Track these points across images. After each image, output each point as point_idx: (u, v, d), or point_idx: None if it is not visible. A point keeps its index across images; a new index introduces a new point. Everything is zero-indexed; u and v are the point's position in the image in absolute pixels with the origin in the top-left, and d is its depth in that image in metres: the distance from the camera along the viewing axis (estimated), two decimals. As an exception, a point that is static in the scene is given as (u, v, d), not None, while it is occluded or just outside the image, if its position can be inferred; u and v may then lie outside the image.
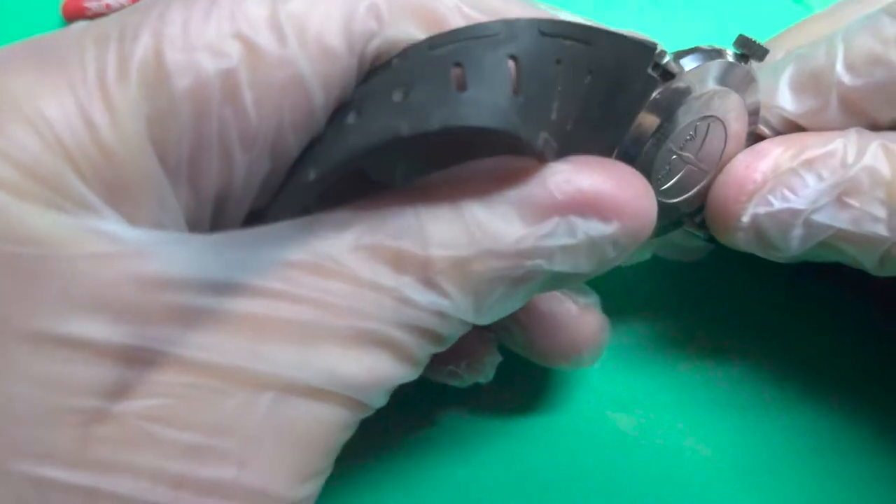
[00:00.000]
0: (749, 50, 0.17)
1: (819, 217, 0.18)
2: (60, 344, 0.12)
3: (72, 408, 0.12)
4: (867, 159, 0.17)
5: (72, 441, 0.12)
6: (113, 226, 0.13)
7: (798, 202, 0.18)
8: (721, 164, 0.19)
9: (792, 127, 0.19)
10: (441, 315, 0.14)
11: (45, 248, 0.12)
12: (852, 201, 0.17)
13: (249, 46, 0.13)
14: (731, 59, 0.17)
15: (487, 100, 0.13)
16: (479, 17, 0.14)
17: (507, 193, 0.14)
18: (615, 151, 0.16)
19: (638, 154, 0.17)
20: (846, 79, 0.18)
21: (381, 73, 0.14)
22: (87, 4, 0.29)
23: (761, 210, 0.18)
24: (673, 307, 0.24)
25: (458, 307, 0.14)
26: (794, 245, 0.18)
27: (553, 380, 0.23)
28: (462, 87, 0.13)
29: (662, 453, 0.22)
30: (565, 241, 0.14)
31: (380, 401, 0.15)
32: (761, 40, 0.18)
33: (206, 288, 0.13)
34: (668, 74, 0.16)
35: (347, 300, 0.13)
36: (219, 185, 0.14)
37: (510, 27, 0.14)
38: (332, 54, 0.13)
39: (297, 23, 0.13)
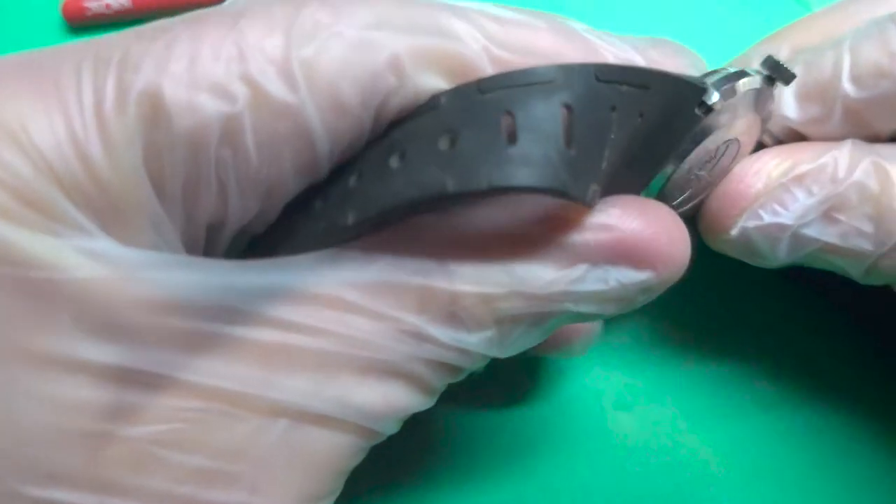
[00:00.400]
0: (777, 74, 0.17)
1: (807, 231, 0.18)
2: (67, 367, 0.12)
3: (79, 430, 0.12)
4: (857, 175, 0.17)
5: (81, 463, 0.12)
6: (113, 248, 0.12)
7: (787, 217, 0.18)
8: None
9: (793, 134, 0.19)
10: (462, 351, 0.14)
11: (45, 271, 0.12)
12: (840, 216, 0.18)
13: (257, 91, 0.12)
14: (759, 84, 0.17)
15: (538, 155, 0.12)
16: (509, 58, 0.14)
17: (541, 236, 0.14)
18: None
19: (665, 183, 0.17)
20: (851, 90, 0.18)
21: (426, 113, 0.13)
22: (86, 4, 0.29)
23: (751, 224, 0.18)
24: (673, 306, 0.24)
25: (481, 344, 0.14)
26: (781, 256, 0.19)
27: (553, 379, 0.23)
28: (512, 138, 0.12)
29: (662, 453, 0.22)
30: (596, 287, 0.14)
31: (392, 429, 0.15)
32: (761, 37, 0.18)
33: (218, 314, 0.13)
34: (709, 111, 0.16)
35: (366, 334, 0.13)
36: (213, 215, 0.13)
37: (566, 73, 0.13)
38: (345, 108, 0.13)
39: (310, 71, 0.12)
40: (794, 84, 0.18)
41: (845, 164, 0.18)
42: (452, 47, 0.13)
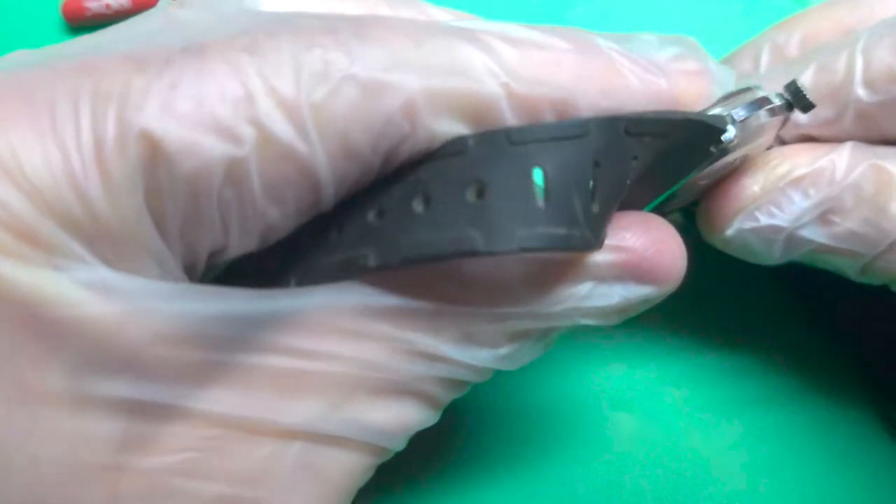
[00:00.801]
0: (798, 102, 0.17)
1: (803, 232, 0.18)
2: (79, 403, 0.12)
3: (96, 465, 0.12)
4: (854, 177, 0.18)
5: (99, 498, 0.12)
6: (116, 279, 0.12)
7: (783, 219, 0.18)
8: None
9: (801, 134, 0.19)
10: (473, 368, 0.14)
11: (49, 308, 0.11)
12: (836, 218, 0.18)
13: (264, 134, 0.12)
14: (777, 110, 0.17)
15: (567, 217, 0.12)
16: (529, 93, 0.13)
17: (552, 258, 0.14)
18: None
19: (669, 195, 0.17)
20: (864, 94, 0.18)
21: (453, 157, 0.13)
22: (87, 4, 0.30)
23: (747, 225, 0.19)
24: (674, 306, 0.24)
25: (492, 360, 0.14)
26: (776, 256, 0.19)
27: (552, 379, 0.23)
28: (543, 195, 0.12)
29: (662, 453, 0.22)
30: (602, 303, 0.15)
31: (401, 445, 0.15)
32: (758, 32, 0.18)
33: (229, 343, 0.13)
34: (724, 151, 0.16)
35: (380, 358, 0.13)
36: (214, 247, 0.13)
37: (597, 127, 0.13)
38: (355, 154, 0.12)
39: (321, 116, 0.12)
40: (807, 85, 0.18)
41: (843, 167, 0.18)
42: (470, 88, 0.13)
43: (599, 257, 0.14)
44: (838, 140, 0.18)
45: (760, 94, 0.16)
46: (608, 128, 0.13)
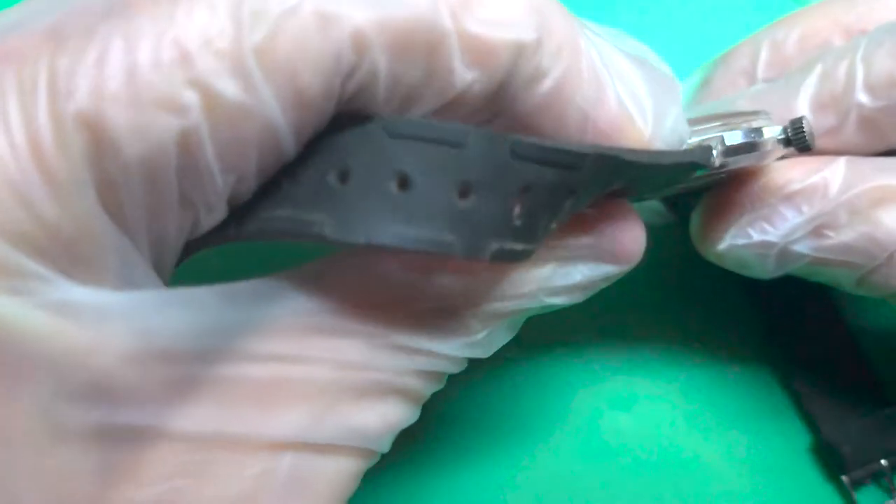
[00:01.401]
0: (797, 141, 0.17)
1: (796, 247, 0.18)
2: (54, 436, 0.11)
3: (82, 500, 0.11)
4: (849, 194, 0.17)
5: None
6: (81, 294, 0.11)
7: (774, 235, 0.18)
8: None
9: None
10: (451, 358, 0.14)
11: (11, 338, 0.11)
12: (830, 233, 0.18)
13: (210, 96, 0.11)
14: (772, 144, 0.17)
15: (431, 219, 0.12)
16: (480, 32, 0.12)
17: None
18: None
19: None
20: (866, 100, 0.18)
21: (345, 132, 0.12)
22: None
23: (739, 241, 0.18)
24: (674, 307, 0.24)
25: (468, 349, 0.14)
26: (769, 269, 0.19)
27: (551, 379, 0.23)
28: (403, 191, 0.12)
29: (662, 453, 0.22)
30: (565, 282, 0.15)
31: (388, 446, 0.14)
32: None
33: (204, 355, 0.12)
34: (706, 172, 0.16)
35: (361, 356, 0.13)
36: (183, 227, 0.12)
37: (476, 141, 0.12)
38: (307, 101, 0.11)
39: (266, 61, 0.11)
40: (809, 96, 0.18)
41: (838, 182, 0.17)
42: (419, 21, 0.11)
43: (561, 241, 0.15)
44: (840, 152, 0.18)
45: (763, 124, 0.16)
46: (489, 145, 0.12)
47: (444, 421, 0.22)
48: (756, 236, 0.18)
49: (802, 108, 0.19)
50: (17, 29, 0.11)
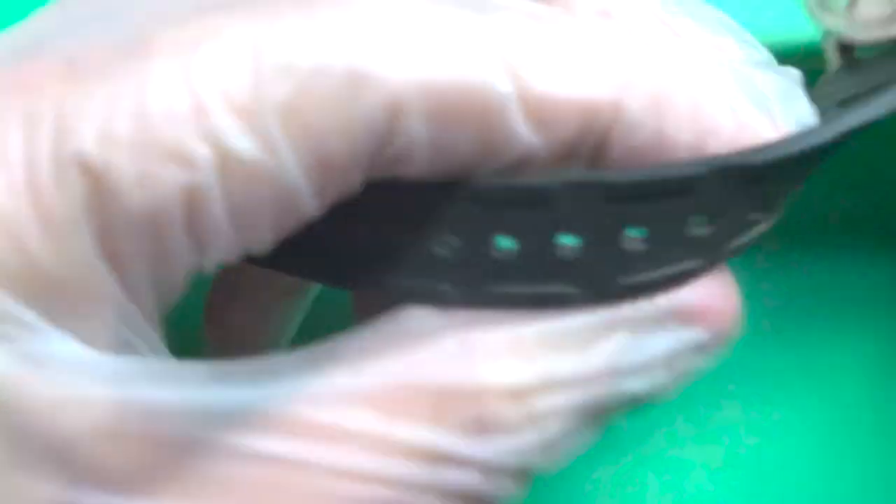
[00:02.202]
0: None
1: None
2: (14, 498, 0.10)
3: None
4: None
5: None
6: (66, 350, 0.10)
7: None
8: None
9: None
10: (489, 469, 0.11)
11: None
12: None
13: (223, 152, 0.10)
14: None
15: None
16: (550, 115, 0.11)
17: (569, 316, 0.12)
18: None
19: None
20: None
21: (537, 206, 0.11)
22: (86, 2, 0.29)
23: None
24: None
25: (514, 455, 0.11)
26: None
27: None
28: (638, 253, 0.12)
29: (662, 454, 0.22)
30: (642, 356, 0.12)
31: None
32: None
33: (187, 444, 0.10)
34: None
35: (366, 463, 0.11)
36: (189, 273, 0.11)
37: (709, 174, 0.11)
38: (332, 166, 0.10)
39: (288, 122, 0.10)
40: None
41: None
42: (472, 89, 0.10)
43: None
44: None
45: None
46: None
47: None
48: None
49: None
50: (34, 52, 0.11)
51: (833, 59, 0.17)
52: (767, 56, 0.14)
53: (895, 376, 0.23)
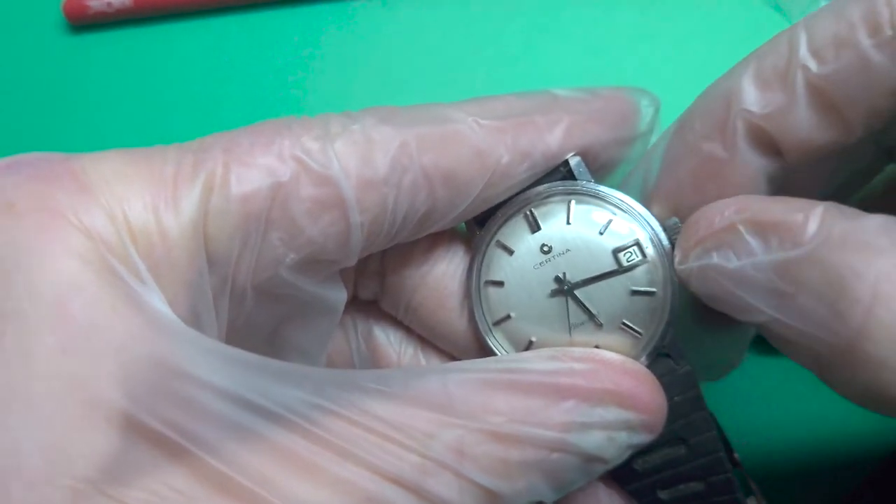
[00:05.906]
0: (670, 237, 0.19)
1: (751, 297, 0.16)
2: (84, 408, 0.13)
3: (78, 474, 0.13)
4: (821, 243, 0.15)
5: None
6: (168, 311, 0.15)
7: (734, 264, 0.16)
8: None
9: (760, 133, 0.17)
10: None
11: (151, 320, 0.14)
12: (790, 288, 0.15)
13: (301, 165, 0.16)
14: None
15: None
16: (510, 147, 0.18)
17: (542, 384, 0.16)
18: None
19: None
20: (812, 65, 0.16)
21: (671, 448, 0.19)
22: (88, 3, 0.30)
23: (699, 262, 0.17)
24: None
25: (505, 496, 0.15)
26: (731, 307, 0.17)
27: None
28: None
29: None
30: (585, 419, 0.16)
31: None
32: (740, 48, 0.18)
33: (249, 410, 0.14)
34: None
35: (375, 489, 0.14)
36: (258, 275, 0.17)
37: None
38: (369, 181, 0.17)
39: (340, 155, 0.16)
40: (751, 71, 0.17)
41: (814, 227, 0.15)
42: (450, 130, 0.17)
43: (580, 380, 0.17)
44: (799, 142, 0.17)
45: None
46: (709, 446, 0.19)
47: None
48: (716, 259, 0.16)
49: (747, 87, 0.17)
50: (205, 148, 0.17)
51: None
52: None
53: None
